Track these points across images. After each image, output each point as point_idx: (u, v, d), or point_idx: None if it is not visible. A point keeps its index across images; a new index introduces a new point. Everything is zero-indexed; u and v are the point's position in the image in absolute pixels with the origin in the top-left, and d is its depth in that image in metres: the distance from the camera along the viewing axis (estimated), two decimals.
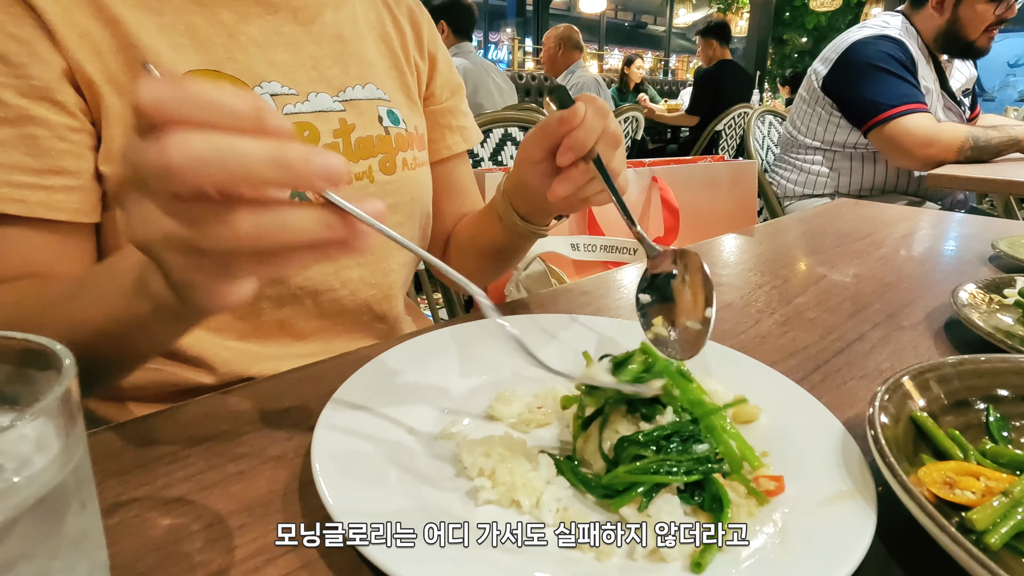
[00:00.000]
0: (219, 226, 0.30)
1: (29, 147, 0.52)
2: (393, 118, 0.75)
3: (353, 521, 0.32)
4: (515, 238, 0.73)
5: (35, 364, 0.25)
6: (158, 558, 0.34)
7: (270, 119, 0.30)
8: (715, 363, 0.52)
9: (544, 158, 0.58)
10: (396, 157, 0.74)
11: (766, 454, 0.41)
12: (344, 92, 0.70)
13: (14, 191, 0.52)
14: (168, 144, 0.29)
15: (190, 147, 0.29)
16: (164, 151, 0.28)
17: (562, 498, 0.38)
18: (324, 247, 0.33)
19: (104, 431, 0.45)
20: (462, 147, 0.88)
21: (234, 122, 0.30)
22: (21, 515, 0.22)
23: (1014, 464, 0.39)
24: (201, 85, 0.30)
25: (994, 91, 6.90)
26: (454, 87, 0.88)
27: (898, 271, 0.88)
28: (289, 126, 0.32)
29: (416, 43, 0.83)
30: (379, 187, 0.72)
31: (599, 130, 0.54)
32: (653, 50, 15.17)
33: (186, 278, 0.34)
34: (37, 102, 0.52)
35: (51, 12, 0.52)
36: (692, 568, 0.32)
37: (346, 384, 0.46)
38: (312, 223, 0.32)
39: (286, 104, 0.64)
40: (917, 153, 1.85)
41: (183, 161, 0.28)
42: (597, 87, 4.28)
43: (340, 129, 0.68)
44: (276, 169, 0.30)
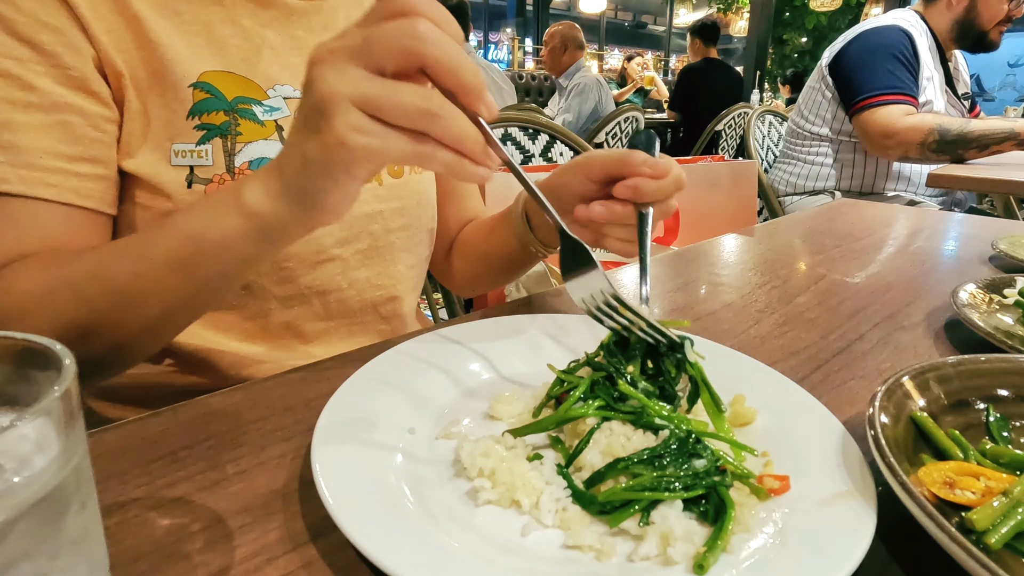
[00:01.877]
0: (415, 94, 0.37)
1: (63, 134, 0.54)
2: None
3: (353, 521, 0.32)
4: (526, 255, 0.73)
5: (35, 364, 0.25)
6: (158, 558, 0.34)
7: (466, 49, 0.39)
8: (715, 363, 0.52)
9: (599, 180, 0.58)
10: None
11: (766, 454, 0.41)
12: None
13: (48, 175, 0.53)
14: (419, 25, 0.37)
15: (432, 30, 0.37)
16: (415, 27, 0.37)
17: (561, 498, 0.38)
18: (463, 159, 0.39)
19: (104, 431, 0.45)
20: None
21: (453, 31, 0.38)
22: (21, 515, 0.22)
23: (1014, 464, 0.39)
24: None
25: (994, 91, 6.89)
26: None
27: (898, 271, 0.88)
28: None
29: None
30: (387, 190, 0.72)
31: (669, 193, 0.54)
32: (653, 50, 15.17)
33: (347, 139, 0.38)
34: (73, 91, 0.54)
35: (81, 4, 0.54)
36: (695, 569, 0.32)
37: (346, 384, 0.46)
38: (470, 133, 0.38)
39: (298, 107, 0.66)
40: (876, 143, 1.87)
41: (427, 34, 0.37)
42: (599, 87, 4.28)
43: None
44: (473, 76, 0.38)
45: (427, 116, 0.37)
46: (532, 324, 0.60)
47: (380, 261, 0.73)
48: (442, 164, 0.39)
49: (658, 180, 0.54)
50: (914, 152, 1.82)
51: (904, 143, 1.81)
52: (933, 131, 1.78)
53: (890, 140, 1.83)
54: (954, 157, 1.82)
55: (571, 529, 0.35)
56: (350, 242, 0.69)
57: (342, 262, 0.69)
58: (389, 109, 0.37)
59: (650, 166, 0.54)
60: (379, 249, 0.73)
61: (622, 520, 0.35)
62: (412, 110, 0.37)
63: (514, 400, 0.48)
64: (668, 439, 0.39)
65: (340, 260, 0.69)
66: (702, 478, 0.37)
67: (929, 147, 1.79)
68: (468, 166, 0.39)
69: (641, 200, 0.54)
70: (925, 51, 1.98)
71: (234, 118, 0.62)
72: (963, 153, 1.80)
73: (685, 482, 0.37)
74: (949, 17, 1.99)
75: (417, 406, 0.47)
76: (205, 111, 0.60)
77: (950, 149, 1.79)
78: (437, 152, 0.38)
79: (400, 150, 0.38)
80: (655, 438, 0.40)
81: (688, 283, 0.82)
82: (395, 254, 0.75)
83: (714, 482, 0.36)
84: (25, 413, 0.21)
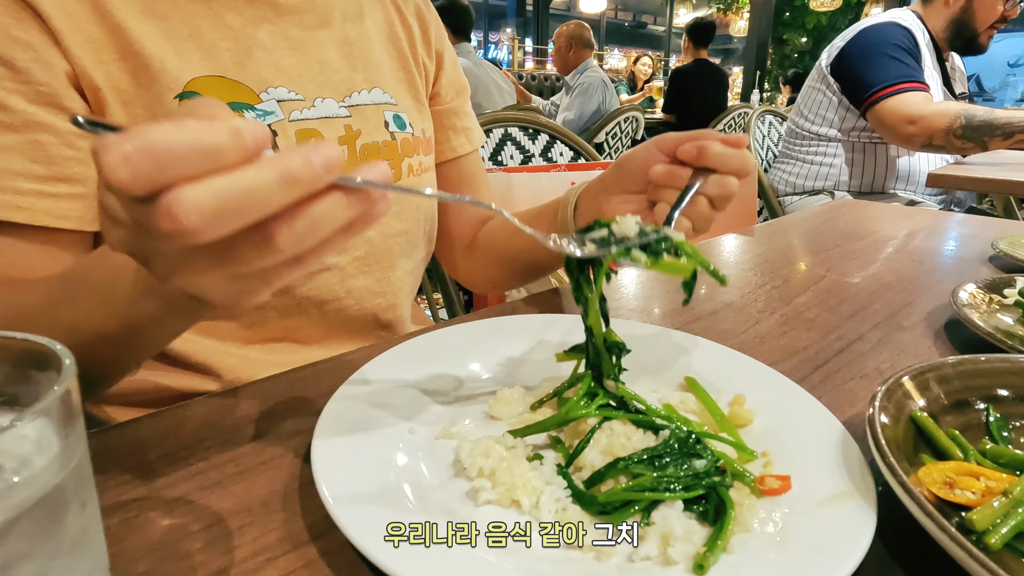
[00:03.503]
0: (257, 249, 0.31)
1: (35, 153, 0.52)
2: (399, 123, 0.74)
3: (353, 521, 0.32)
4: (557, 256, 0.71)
5: (35, 364, 0.25)
6: (158, 558, 0.34)
7: (247, 135, 0.29)
8: (715, 363, 0.52)
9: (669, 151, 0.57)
10: (402, 163, 0.73)
11: (766, 454, 0.41)
12: (350, 97, 0.69)
13: (19, 198, 0.51)
14: (175, 210, 0.27)
15: (199, 206, 0.27)
16: (174, 219, 0.27)
17: (561, 498, 0.38)
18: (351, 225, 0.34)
19: (104, 431, 0.45)
20: (467, 148, 0.87)
21: (224, 160, 0.29)
22: (21, 515, 0.22)
23: (1014, 464, 0.39)
24: (168, 134, 0.27)
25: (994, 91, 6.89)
26: (459, 87, 0.87)
27: (898, 271, 0.88)
28: (263, 127, 0.31)
29: (424, 42, 0.82)
30: None
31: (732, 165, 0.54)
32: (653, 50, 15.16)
33: (227, 303, 0.35)
34: (44, 108, 0.52)
35: (56, 17, 0.52)
36: (695, 569, 0.32)
37: (346, 384, 0.46)
38: (337, 208, 0.32)
39: (293, 110, 0.64)
40: (900, 130, 1.83)
41: (198, 221, 0.27)
42: (604, 87, 4.29)
43: (346, 136, 0.68)
44: (287, 187, 0.30)
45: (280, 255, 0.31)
46: (532, 324, 0.60)
47: (378, 268, 0.72)
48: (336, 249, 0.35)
49: (724, 147, 0.53)
50: (939, 138, 1.78)
51: (929, 128, 1.77)
52: (959, 116, 1.74)
53: (914, 126, 1.79)
54: (978, 144, 1.78)
55: (571, 529, 0.35)
56: (347, 250, 0.69)
57: (340, 271, 0.69)
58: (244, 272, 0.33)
59: (723, 137, 0.54)
60: (377, 256, 0.72)
61: (622, 520, 0.35)
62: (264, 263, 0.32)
63: (514, 400, 0.48)
64: (668, 439, 0.39)
65: (338, 269, 0.68)
66: (702, 478, 0.37)
67: (955, 133, 1.75)
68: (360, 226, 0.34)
69: (702, 162, 0.54)
70: (924, 49, 1.98)
71: None
72: (988, 141, 1.76)
73: (685, 482, 0.37)
74: (945, 16, 1.99)
75: (417, 406, 0.47)
76: None
77: (975, 136, 1.75)
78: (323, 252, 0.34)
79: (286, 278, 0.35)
80: (655, 438, 0.40)
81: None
82: (394, 260, 0.74)
83: (714, 482, 0.36)
84: (25, 413, 0.21)
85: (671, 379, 0.51)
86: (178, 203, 0.27)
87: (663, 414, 0.43)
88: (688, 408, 0.47)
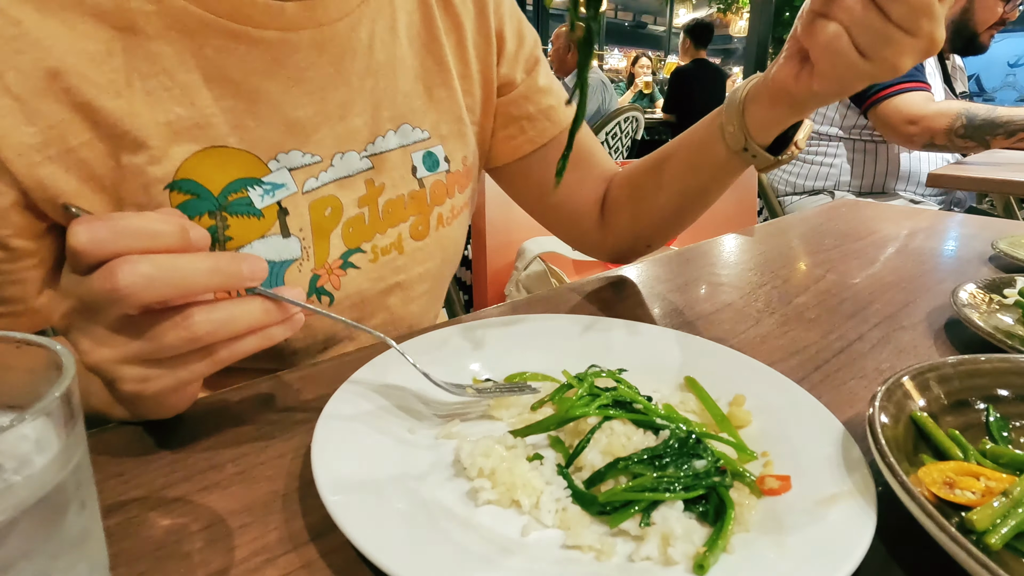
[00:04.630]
0: (174, 329, 0.35)
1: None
2: (431, 162, 0.66)
3: (353, 521, 0.32)
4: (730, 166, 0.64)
5: (35, 364, 0.25)
6: (158, 558, 0.34)
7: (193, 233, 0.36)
8: (715, 363, 0.52)
9: None
10: (430, 216, 0.66)
11: (766, 454, 0.41)
12: (374, 144, 0.61)
13: None
14: (115, 270, 0.32)
15: (137, 271, 0.33)
16: (113, 278, 0.32)
17: (562, 498, 0.38)
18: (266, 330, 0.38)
19: (104, 431, 0.45)
20: (552, 132, 0.75)
21: (167, 243, 0.34)
22: (21, 515, 0.22)
23: (1014, 464, 0.39)
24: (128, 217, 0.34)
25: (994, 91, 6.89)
26: (528, 57, 0.74)
27: (898, 271, 0.88)
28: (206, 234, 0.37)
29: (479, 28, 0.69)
30: (408, 256, 0.65)
31: None
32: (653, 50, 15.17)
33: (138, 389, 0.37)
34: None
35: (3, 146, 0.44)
36: (695, 569, 0.32)
37: (346, 384, 0.46)
38: (255, 311, 0.37)
39: (307, 179, 0.56)
40: (902, 130, 1.82)
41: (134, 283, 0.33)
42: (603, 88, 4.29)
43: (367, 195, 0.61)
44: (213, 276, 0.35)
45: (194, 340, 0.35)
46: (533, 324, 0.60)
47: (396, 328, 0.68)
48: (247, 350, 0.38)
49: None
50: (940, 138, 1.77)
51: (930, 128, 1.77)
52: (960, 115, 1.74)
53: (915, 126, 1.78)
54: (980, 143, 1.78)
55: (571, 529, 0.35)
56: (364, 320, 0.64)
57: (353, 340, 0.65)
58: (160, 355, 0.36)
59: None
60: (396, 320, 0.67)
61: (622, 520, 0.35)
62: (179, 343, 0.35)
63: (514, 400, 0.48)
64: (668, 439, 0.39)
65: (351, 339, 0.65)
66: (702, 478, 0.37)
67: (956, 132, 1.75)
68: (275, 332, 0.39)
69: None
70: None
71: (221, 218, 0.52)
72: (990, 139, 1.75)
73: (686, 482, 0.36)
74: (946, 16, 1.99)
75: (417, 406, 0.47)
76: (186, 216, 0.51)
77: (977, 135, 1.75)
78: (236, 347, 0.37)
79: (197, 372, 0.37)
80: (655, 438, 0.40)
81: (688, 283, 0.82)
82: (412, 319, 0.69)
83: (714, 482, 0.36)
84: (25, 413, 0.21)
85: (671, 379, 0.51)
86: (119, 266, 0.33)
87: (663, 414, 0.43)
88: (688, 408, 0.47)
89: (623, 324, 0.59)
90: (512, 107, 0.73)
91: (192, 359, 0.37)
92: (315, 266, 0.58)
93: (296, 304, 0.39)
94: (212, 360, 0.37)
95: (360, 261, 0.62)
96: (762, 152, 0.61)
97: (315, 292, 0.59)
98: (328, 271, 0.59)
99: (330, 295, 0.60)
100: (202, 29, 0.49)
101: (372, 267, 0.63)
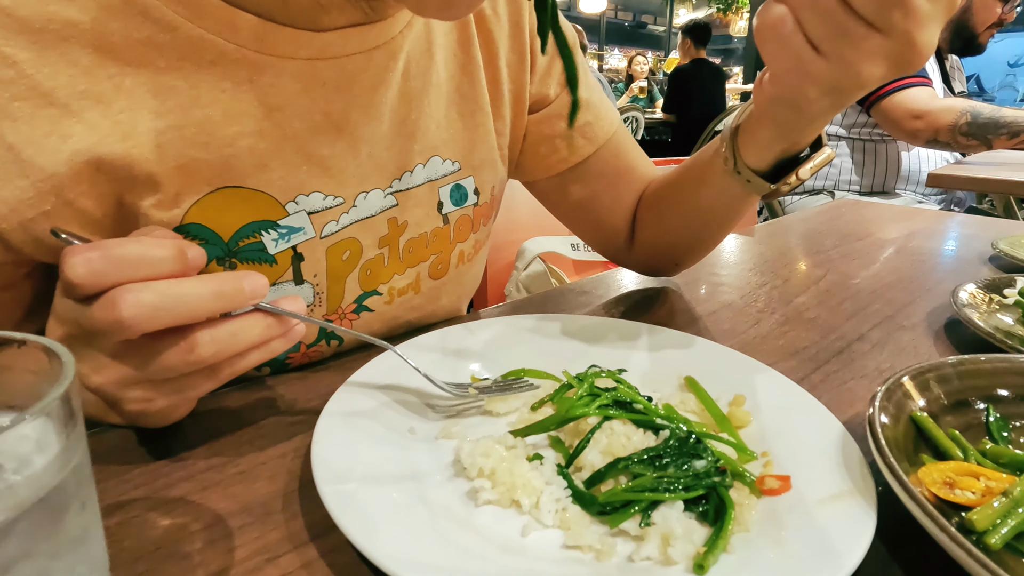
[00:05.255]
0: (178, 353, 0.35)
1: None
2: (458, 196, 0.62)
3: (353, 521, 0.32)
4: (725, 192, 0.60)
5: (35, 364, 0.25)
6: (158, 558, 0.34)
7: (191, 254, 0.36)
8: (715, 363, 0.52)
9: None
10: (451, 254, 0.63)
11: (766, 454, 0.41)
12: (400, 180, 0.56)
13: None
14: (117, 301, 0.32)
15: (140, 301, 0.32)
16: (115, 309, 0.32)
17: (562, 498, 0.38)
18: (268, 344, 0.38)
19: (104, 431, 0.45)
20: (588, 150, 0.70)
21: (167, 269, 0.34)
22: (21, 515, 0.22)
23: (1014, 464, 0.39)
24: (124, 244, 0.34)
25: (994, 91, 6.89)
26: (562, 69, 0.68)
27: (898, 271, 0.88)
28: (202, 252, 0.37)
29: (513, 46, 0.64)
30: (424, 296, 0.62)
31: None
32: (653, 50, 15.16)
33: (141, 408, 0.37)
34: None
35: None
36: (695, 569, 0.32)
37: (346, 384, 0.46)
38: (256, 327, 0.37)
39: (328, 222, 0.52)
40: (906, 126, 1.82)
41: (138, 314, 0.32)
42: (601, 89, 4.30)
43: (388, 235, 0.57)
44: (216, 300, 0.35)
45: (199, 363, 0.35)
46: (533, 324, 0.60)
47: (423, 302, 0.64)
48: (249, 366, 0.38)
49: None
50: (944, 134, 1.77)
51: (934, 124, 1.76)
52: (965, 112, 1.73)
53: (920, 121, 1.78)
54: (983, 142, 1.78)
55: (571, 529, 0.35)
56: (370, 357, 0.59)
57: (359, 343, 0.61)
58: (163, 377, 0.36)
59: None
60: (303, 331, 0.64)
61: (622, 521, 0.35)
62: (184, 367, 0.35)
63: (514, 400, 0.48)
64: (668, 439, 0.39)
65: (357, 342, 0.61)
66: (702, 479, 0.37)
67: (960, 129, 1.74)
68: (276, 345, 0.39)
69: None
70: None
71: (230, 266, 0.48)
72: (993, 139, 1.75)
73: (686, 482, 0.36)
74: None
75: (417, 406, 0.47)
76: None
77: (981, 133, 1.74)
78: (238, 364, 0.37)
79: (200, 390, 0.37)
80: (655, 438, 0.40)
81: (688, 283, 0.82)
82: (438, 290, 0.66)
83: (714, 482, 0.36)
84: (25, 413, 0.21)
85: (671, 379, 0.51)
86: (122, 296, 0.32)
87: (663, 414, 0.43)
88: (688, 408, 0.47)
89: (623, 324, 0.59)
90: (544, 125, 0.69)
91: (196, 379, 0.37)
92: (327, 312, 0.56)
93: (295, 317, 0.39)
94: (215, 378, 0.37)
95: (375, 303, 0.59)
96: (755, 177, 0.55)
97: (324, 337, 0.57)
98: (340, 315, 0.57)
99: (340, 339, 0.58)
100: (221, 60, 0.44)
101: (386, 308, 0.60)
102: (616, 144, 0.73)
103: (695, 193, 0.66)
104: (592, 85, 0.72)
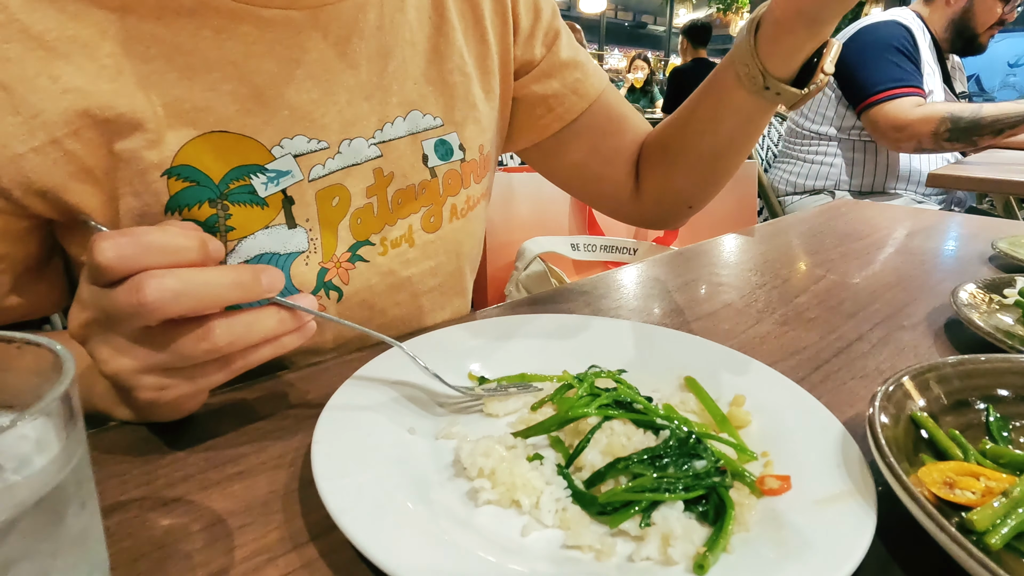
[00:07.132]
0: (195, 341, 0.36)
1: None
2: (444, 151, 0.63)
3: (353, 521, 0.32)
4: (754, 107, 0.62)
5: (35, 364, 0.25)
6: (158, 558, 0.34)
7: (212, 246, 0.38)
8: (715, 363, 0.52)
9: None
10: (443, 207, 0.64)
11: (766, 454, 0.41)
12: (382, 131, 0.58)
13: None
14: (143, 285, 0.34)
15: (164, 285, 0.34)
16: (139, 292, 0.34)
17: (562, 498, 0.38)
18: (280, 339, 0.40)
19: (104, 431, 0.45)
20: (579, 107, 0.72)
21: (189, 257, 0.36)
22: (21, 515, 0.22)
23: (1014, 464, 0.39)
24: (152, 232, 0.35)
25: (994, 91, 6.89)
26: (547, 30, 0.71)
27: (898, 271, 0.88)
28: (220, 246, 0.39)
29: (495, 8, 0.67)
30: (420, 249, 0.63)
31: None
32: (653, 50, 15.17)
33: (155, 397, 0.38)
34: None
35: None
36: (695, 569, 0.32)
37: (346, 383, 0.46)
38: (270, 321, 0.39)
39: (313, 165, 0.54)
40: (889, 138, 1.84)
41: (161, 298, 0.34)
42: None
43: (375, 184, 0.58)
44: (235, 289, 0.37)
45: (214, 351, 0.36)
46: (533, 324, 0.60)
47: (407, 326, 0.66)
48: (261, 359, 0.39)
49: None
50: (928, 143, 1.78)
51: (916, 134, 1.78)
52: (945, 119, 1.74)
53: (902, 133, 1.79)
54: (968, 144, 1.78)
55: (571, 529, 0.35)
56: (374, 318, 0.62)
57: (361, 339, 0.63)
58: (178, 365, 0.37)
59: None
60: (405, 317, 0.65)
61: (622, 521, 0.35)
62: (199, 354, 0.36)
63: (514, 400, 0.48)
64: (668, 439, 0.39)
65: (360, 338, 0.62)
66: (702, 479, 0.37)
67: (942, 136, 1.75)
68: (289, 340, 0.40)
69: None
70: (925, 48, 1.98)
71: (222, 207, 0.50)
72: (977, 140, 1.76)
73: (686, 483, 0.36)
74: (946, 16, 2.00)
75: (417, 406, 0.47)
76: (185, 205, 0.49)
77: (964, 136, 1.75)
78: (251, 356, 0.39)
79: (214, 381, 0.39)
80: (655, 438, 0.40)
81: (688, 283, 0.82)
82: (423, 315, 0.67)
83: (714, 482, 0.36)
84: (25, 413, 0.21)
85: (671, 379, 0.51)
86: (146, 281, 0.34)
87: (663, 414, 0.43)
88: (688, 408, 0.47)
89: (623, 324, 0.59)
90: (535, 86, 0.71)
91: (209, 369, 0.38)
92: (323, 259, 0.56)
93: (309, 312, 0.41)
94: (228, 369, 0.39)
95: (369, 254, 0.60)
96: (785, 87, 0.58)
97: (323, 287, 0.57)
98: (336, 264, 0.58)
99: (339, 290, 0.58)
100: (200, 8, 0.47)
101: (382, 260, 0.61)
102: (607, 98, 0.76)
103: (713, 125, 0.67)
104: (576, 46, 0.74)
